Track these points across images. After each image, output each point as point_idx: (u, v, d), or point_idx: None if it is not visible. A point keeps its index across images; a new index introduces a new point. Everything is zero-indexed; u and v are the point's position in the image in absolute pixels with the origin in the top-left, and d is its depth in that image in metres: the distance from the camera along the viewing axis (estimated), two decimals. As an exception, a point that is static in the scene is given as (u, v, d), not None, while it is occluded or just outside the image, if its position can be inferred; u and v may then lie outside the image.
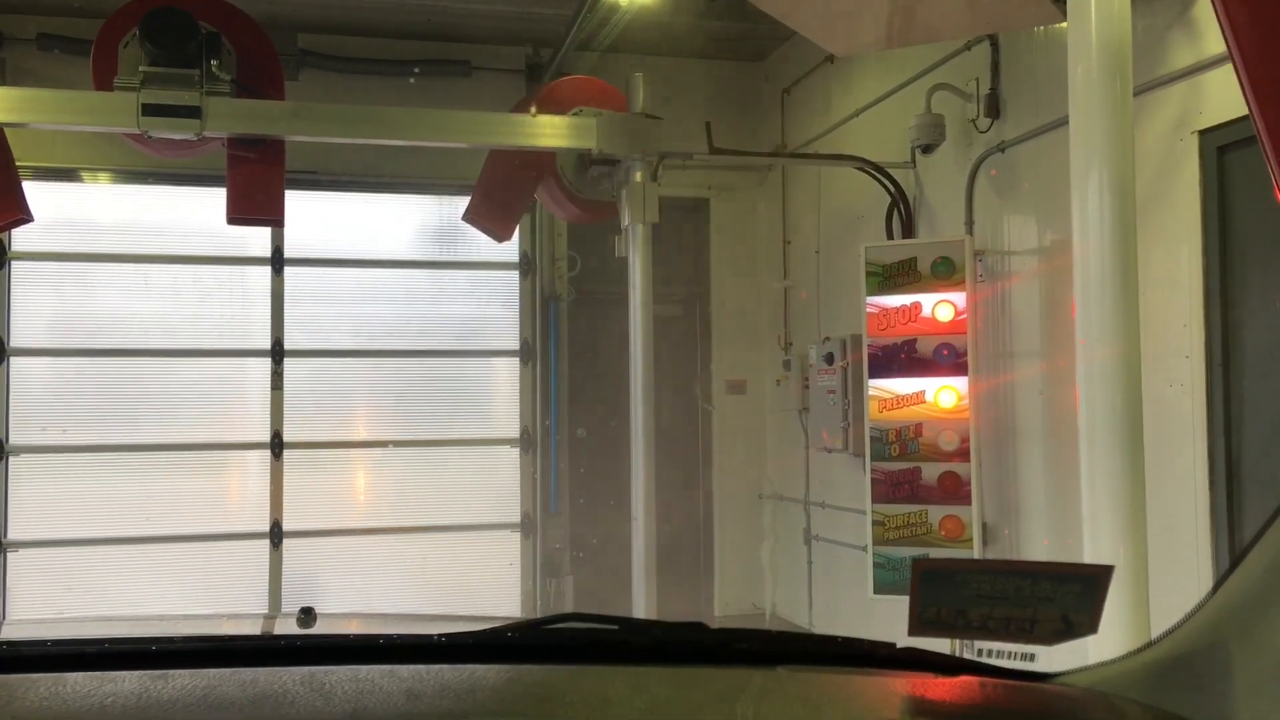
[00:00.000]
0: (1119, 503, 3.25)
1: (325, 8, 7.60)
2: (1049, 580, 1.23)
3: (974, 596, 1.23)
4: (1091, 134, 3.31)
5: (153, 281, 7.75)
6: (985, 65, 5.63)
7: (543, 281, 8.34)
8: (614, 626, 1.53)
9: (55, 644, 1.41)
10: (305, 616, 1.75)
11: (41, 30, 7.39)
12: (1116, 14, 3.28)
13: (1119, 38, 3.28)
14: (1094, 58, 3.30)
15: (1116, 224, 3.29)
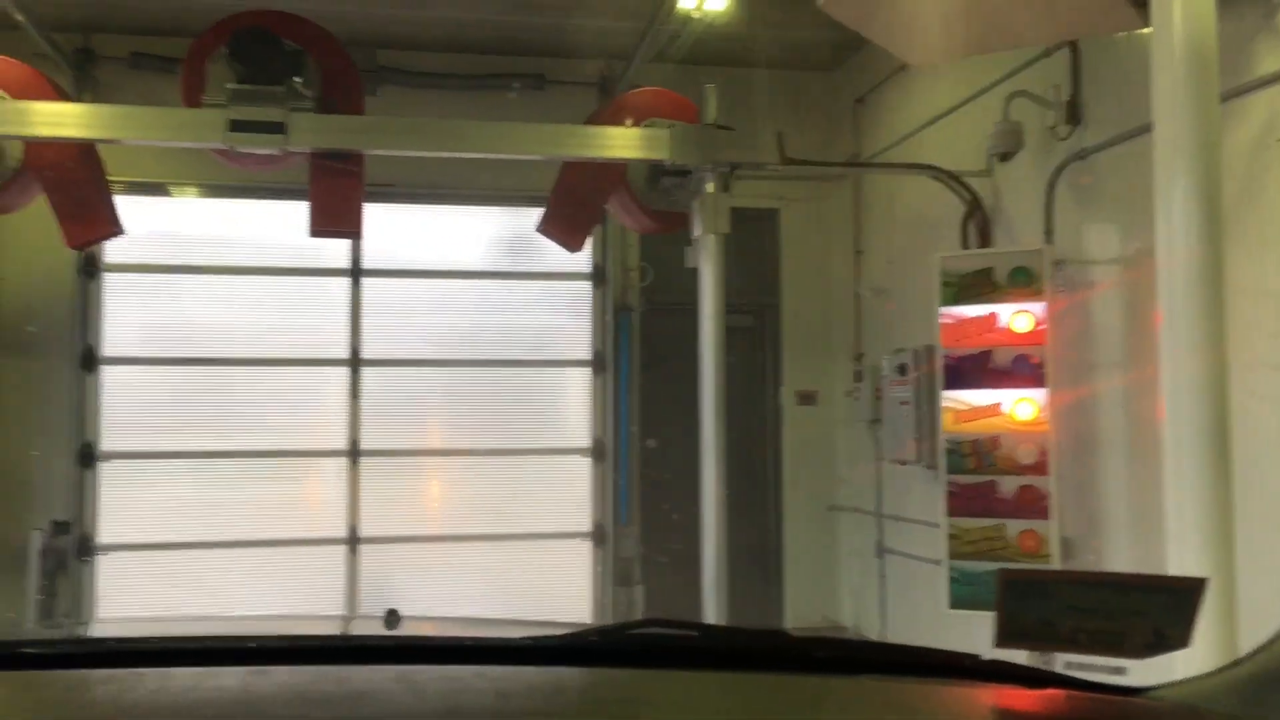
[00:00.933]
0: (1205, 518, 3.19)
1: (404, 24, 7.74)
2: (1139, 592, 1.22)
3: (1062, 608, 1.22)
4: (1176, 141, 3.26)
5: (237, 292, 7.94)
6: (1065, 71, 5.55)
7: (614, 292, 8.39)
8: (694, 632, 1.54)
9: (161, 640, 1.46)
10: (390, 618, 1.79)
11: (133, 49, 7.63)
12: (1201, 19, 3.23)
13: (1204, 43, 3.23)
14: (1178, 64, 3.25)
15: (1202, 232, 3.23)
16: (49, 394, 7.61)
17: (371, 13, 7.50)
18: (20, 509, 7.50)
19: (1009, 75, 6.03)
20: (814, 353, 8.62)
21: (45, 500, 7.55)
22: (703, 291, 6.42)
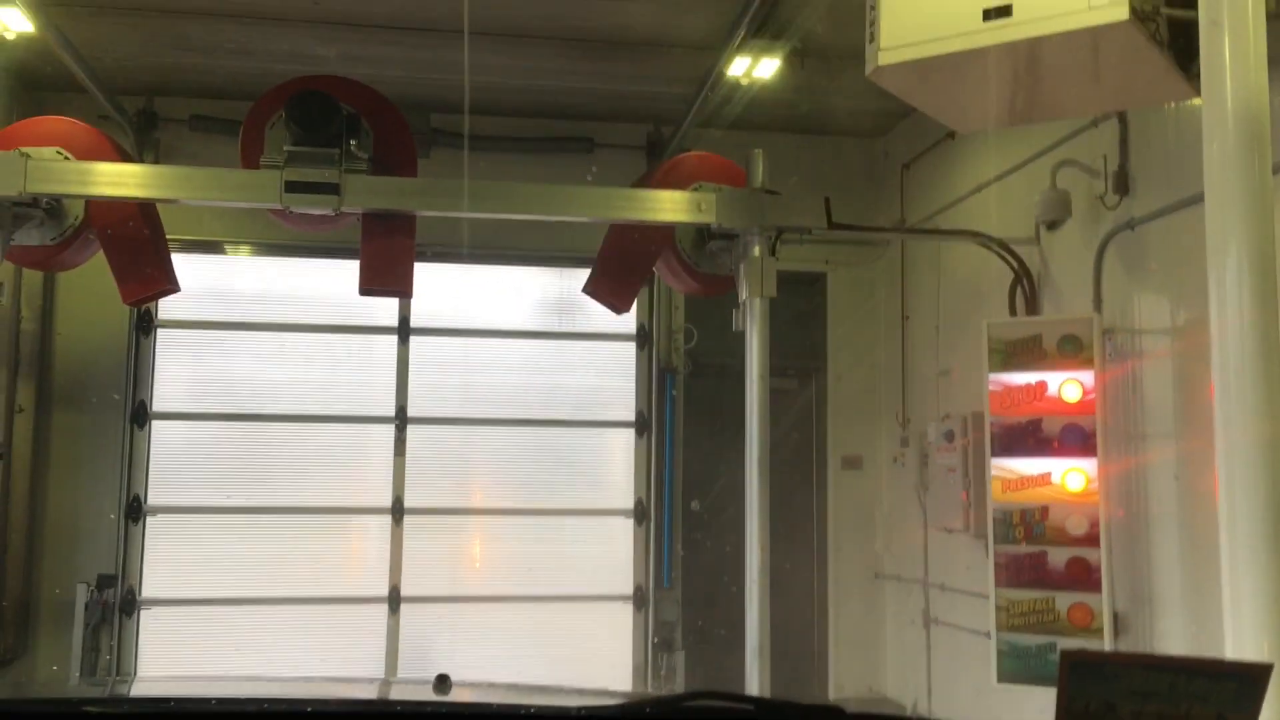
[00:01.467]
0: (1263, 594, 3.11)
1: (458, 89, 7.88)
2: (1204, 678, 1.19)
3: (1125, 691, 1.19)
4: (1228, 212, 3.23)
5: (286, 349, 8.06)
6: (1114, 141, 5.54)
7: (659, 353, 8.41)
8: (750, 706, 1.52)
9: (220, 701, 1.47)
10: (441, 684, 1.79)
11: (194, 112, 7.84)
12: (1254, 90, 3.21)
13: (1257, 113, 3.21)
14: (1230, 134, 3.23)
15: (1256, 303, 3.19)
16: (100, 448, 7.73)
17: (425, 78, 7.66)
18: (68, 562, 7.59)
19: (1057, 144, 6.04)
20: (860, 417, 8.56)
21: (92, 553, 7.63)
22: (749, 354, 6.41)
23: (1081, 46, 3.79)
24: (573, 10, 6.67)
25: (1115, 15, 3.58)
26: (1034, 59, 3.96)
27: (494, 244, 8.05)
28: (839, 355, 8.66)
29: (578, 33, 7.00)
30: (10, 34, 6.27)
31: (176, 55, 7.31)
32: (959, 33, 3.94)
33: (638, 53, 7.30)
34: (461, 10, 6.65)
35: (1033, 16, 3.78)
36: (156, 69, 7.53)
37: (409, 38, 7.03)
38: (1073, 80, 4.16)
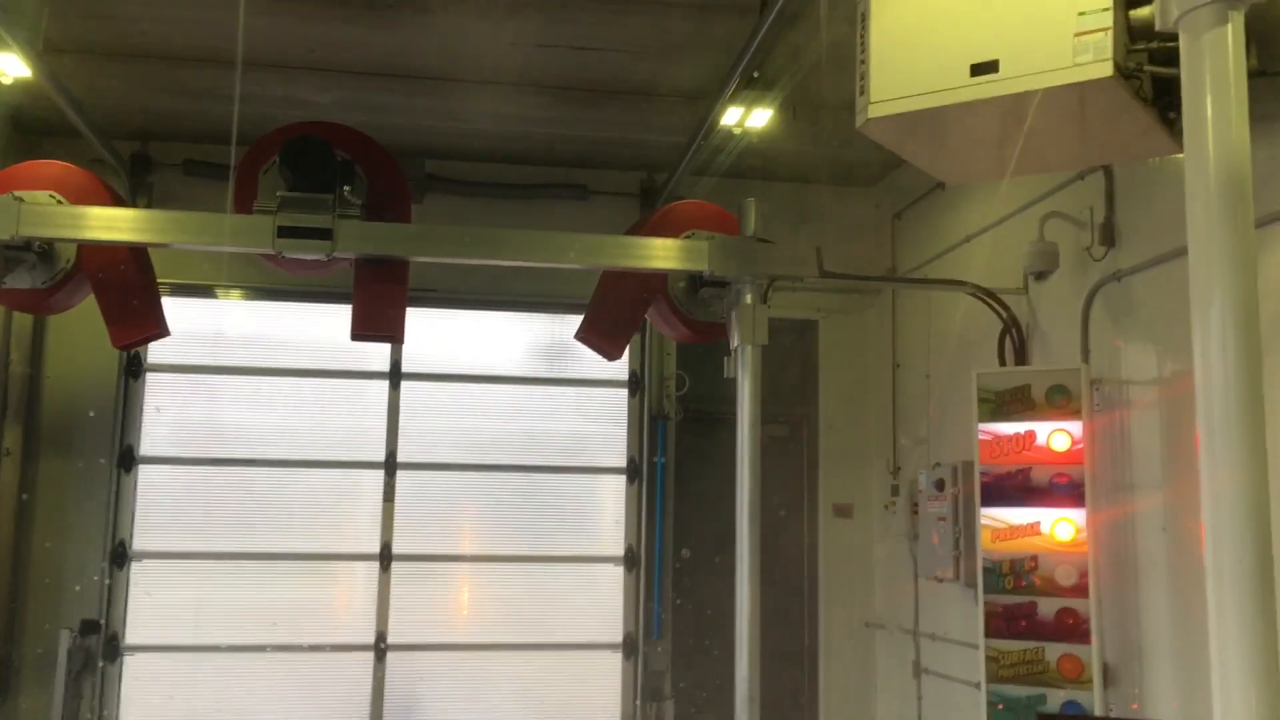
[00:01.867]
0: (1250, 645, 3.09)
1: (451, 135, 7.96)
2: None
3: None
4: (1212, 266, 3.25)
5: (276, 394, 8.05)
6: (1100, 194, 5.60)
7: (651, 400, 8.41)
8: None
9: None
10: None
11: (188, 156, 7.89)
12: (1235, 146, 3.25)
13: (1238, 169, 3.24)
14: (1213, 189, 3.26)
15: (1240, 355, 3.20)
16: (86, 492, 7.69)
17: (420, 125, 7.72)
18: (51, 607, 7.52)
19: (1044, 195, 6.10)
20: (851, 465, 8.56)
21: (76, 599, 7.56)
22: (740, 402, 6.40)
23: (1067, 102, 3.84)
24: (566, 60, 6.74)
25: (1100, 72, 3.63)
26: (1021, 113, 4.01)
27: (487, 289, 8.08)
28: (830, 403, 8.67)
29: (571, 81, 7.08)
30: (7, 79, 6.32)
31: (172, 100, 7.37)
32: (947, 87, 4.00)
33: (631, 101, 7.38)
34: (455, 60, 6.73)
35: (1019, 72, 3.83)
36: (151, 113, 7.58)
37: (403, 85, 7.10)
38: (1059, 134, 4.21)
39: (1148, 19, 3.60)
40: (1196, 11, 3.11)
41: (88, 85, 6.75)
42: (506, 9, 6.11)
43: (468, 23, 6.26)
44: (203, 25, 6.33)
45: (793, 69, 6.50)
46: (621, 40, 6.49)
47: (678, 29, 6.21)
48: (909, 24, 4.14)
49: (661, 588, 8.24)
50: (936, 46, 4.03)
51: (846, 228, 8.50)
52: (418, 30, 6.37)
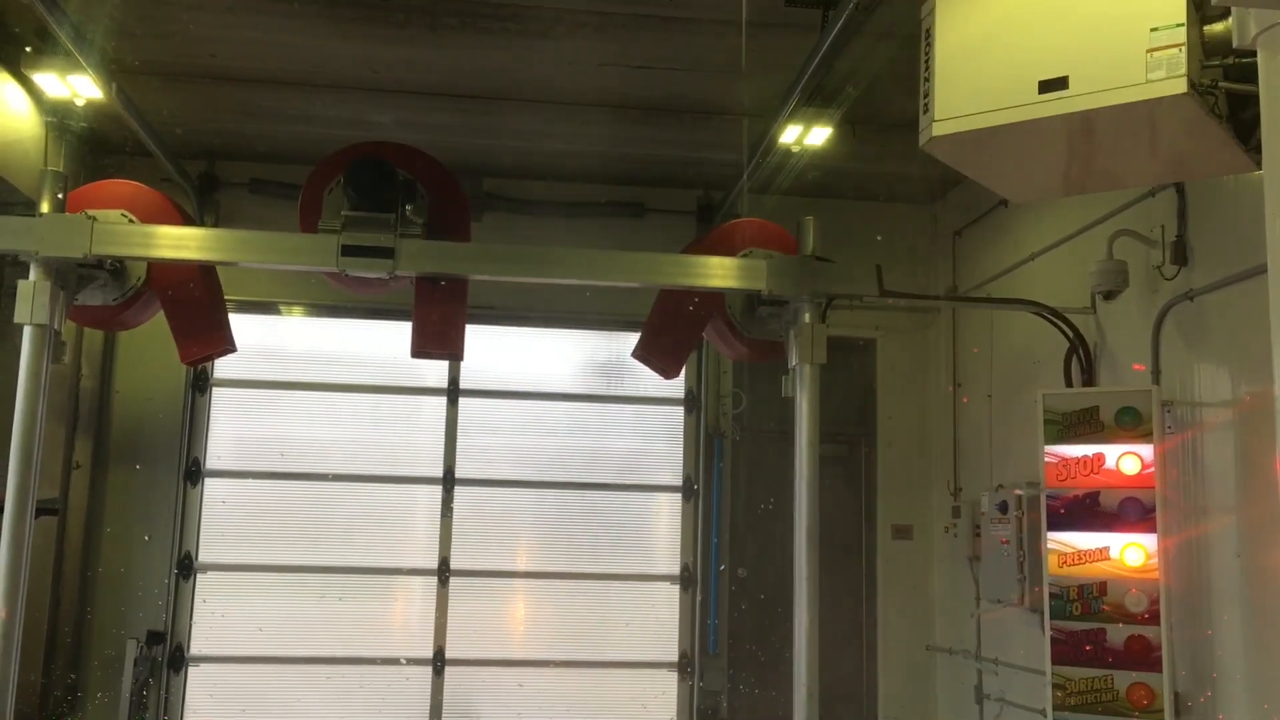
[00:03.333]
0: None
1: (510, 154, 8.01)
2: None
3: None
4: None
5: (337, 408, 8.14)
6: (1171, 212, 5.48)
7: (707, 418, 8.38)
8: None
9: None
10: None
11: (254, 176, 8.02)
12: (1317, 164, 3.16)
13: (1320, 186, 3.15)
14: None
15: (1321, 379, 3.11)
16: (154, 505, 7.83)
17: (479, 144, 7.79)
18: (119, 617, 7.65)
19: (1113, 213, 5.98)
20: (910, 486, 8.46)
21: (143, 609, 7.69)
22: (798, 421, 6.35)
23: (1139, 119, 3.76)
24: (625, 79, 6.76)
25: (1173, 88, 3.55)
26: (1090, 131, 3.94)
27: (545, 307, 8.12)
28: (889, 422, 8.58)
29: (630, 100, 7.10)
30: (80, 100, 6.46)
31: (239, 121, 7.50)
32: (1014, 104, 3.93)
33: (689, 119, 7.38)
34: (514, 80, 6.77)
35: (1089, 89, 3.76)
36: (219, 134, 7.72)
37: (463, 105, 7.16)
38: (1129, 152, 4.12)
39: (1223, 34, 3.52)
40: (1276, 29, 3.03)
41: (157, 106, 6.90)
42: (566, 29, 6.14)
43: (527, 44, 6.30)
44: (269, 47, 6.44)
45: (853, 86, 6.46)
46: (680, 59, 6.49)
47: (737, 47, 6.20)
48: (974, 40, 4.09)
49: (718, 606, 8.18)
50: (1003, 62, 3.97)
51: (907, 245, 8.42)
52: (478, 51, 6.42)
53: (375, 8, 5.99)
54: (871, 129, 7.17)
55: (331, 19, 6.07)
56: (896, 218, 8.54)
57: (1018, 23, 3.98)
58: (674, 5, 5.87)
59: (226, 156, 8.07)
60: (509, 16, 6.02)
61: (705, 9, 5.88)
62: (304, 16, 6.03)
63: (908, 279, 7.72)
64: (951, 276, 8.21)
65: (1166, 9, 3.62)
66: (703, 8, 5.87)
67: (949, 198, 8.36)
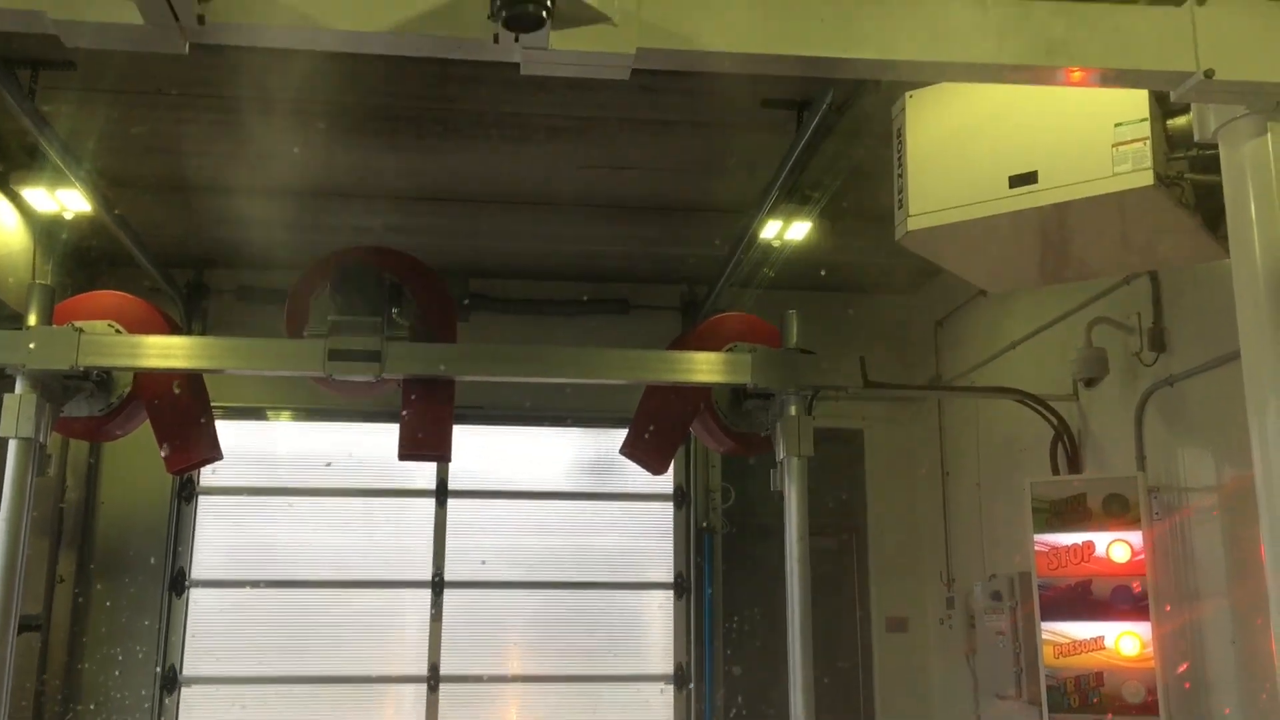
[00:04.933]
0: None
1: (495, 255, 8.11)
2: None
3: None
4: (1266, 371, 3.21)
5: (324, 514, 8.08)
6: (1147, 299, 5.57)
7: (697, 513, 8.34)
8: None
9: None
10: None
11: (241, 283, 8.08)
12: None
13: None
14: (1262, 294, 3.23)
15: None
16: (138, 616, 7.71)
17: (465, 245, 7.88)
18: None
19: (1090, 301, 6.07)
20: (903, 577, 8.40)
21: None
22: (788, 515, 6.31)
23: (1109, 210, 3.85)
24: (607, 180, 6.88)
25: (1140, 181, 3.65)
26: (1061, 222, 4.03)
27: (532, 406, 8.12)
28: (880, 514, 8.55)
29: (612, 200, 7.21)
30: (69, 214, 6.54)
31: (228, 230, 7.58)
32: (985, 199, 4.02)
33: (671, 217, 7.49)
34: (498, 183, 6.88)
35: (1058, 182, 3.85)
36: (207, 242, 7.80)
37: (449, 208, 7.26)
38: (1102, 242, 4.21)
39: (1185, 128, 3.63)
40: (1235, 123, 3.13)
41: (146, 217, 6.98)
42: (547, 134, 6.27)
43: (511, 149, 6.42)
44: (257, 157, 6.54)
45: (830, 181, 6.58)
46: (659, 159, 6.62)
47: (715, 147, 6.33)
48: (944, 137, 4.19)
49: (712, 705, 8.04)
50: (973, 158, 4.07)
51: (889, 336, 8.49)
52: (462, 157, 6.54)
53: (363, 117, 6.11)
54: (850, 222, 7.29)
55: (323, 130, 6.19)
56: (879, 308, 8.63)
57: (986, 120, 4.10)
58: (652, 108, 6.00)
59: (215, 265, 8.15)
60: (492, 124, 6.15)
61: (682, 111, 6.02)
62: (292, 127, 6.14)
63: (892, 369, 7.77)
64: (935, 365, 8.27)
65: (1130, 105, 3.74)
66: (680, 110, 6.01)
67: (929, 287, 8.46)
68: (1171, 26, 3.08)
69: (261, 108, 5.87)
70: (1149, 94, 3.71)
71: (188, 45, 2.79)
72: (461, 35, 2.85)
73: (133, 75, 5.50)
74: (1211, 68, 3.02)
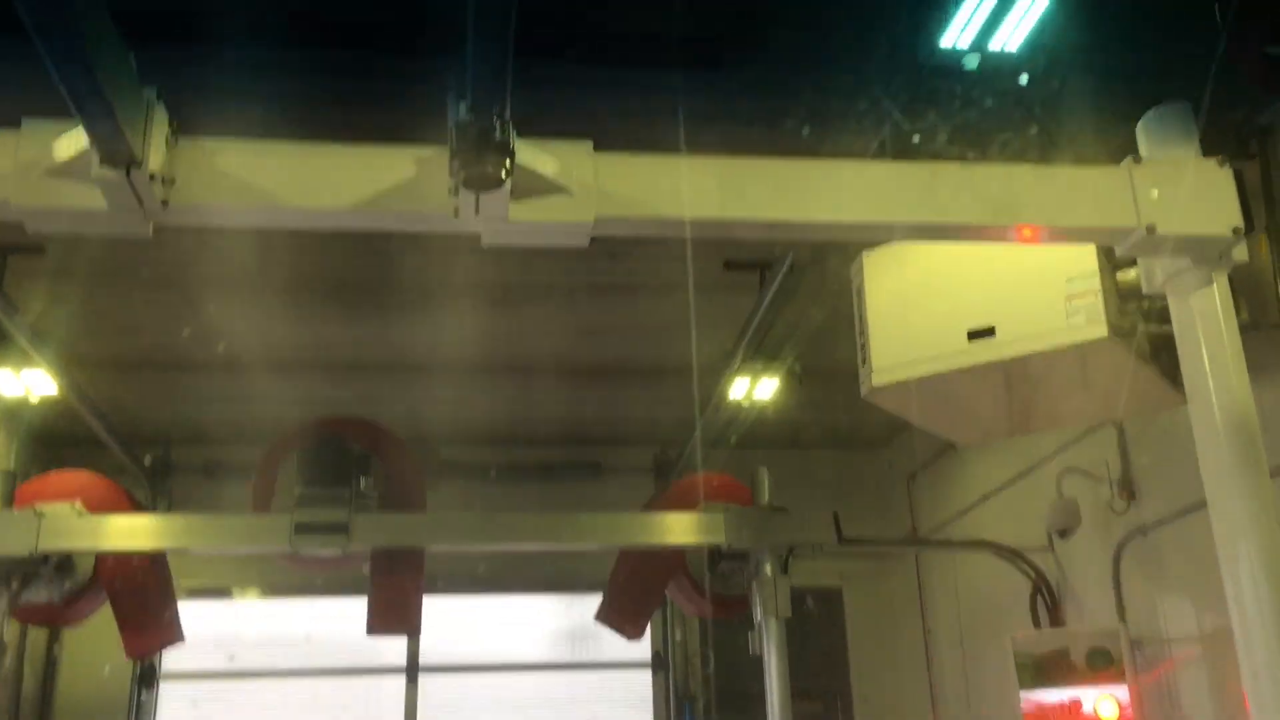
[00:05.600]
0: None
1: (462, 422, 8.09)
2: None
3: None
4: (1233, 520, 3.20)
5: (293, 696, 7.80)
6: (1114, 447, 5.60)
7: (676, 680, 8.12)
8: None
9: None
10: None
11: (207, 459, 8.00)
12: (1238, 397, 3.26)
13: (1244, 420, 3.24)
14: (1223, 443, 3.25)
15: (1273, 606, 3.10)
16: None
17: (432, 413, 7.86)
18: None
19: (1059, 450, 6.10)
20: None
21: None
22: (768, 679, 6.17)
23: (1068, 362, 3.91)
24: (573, 344, 6.95)
25: (1095, 333, 3.72)
26: (1023, 375, 4.08)
27: (504, 573, 7.98)
28: (863, 673, 8.36)
29: (579, 364, 7.26)
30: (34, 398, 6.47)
31: (194, 406, 7.56)
32: (947, 353, 4.08)
33: (639, 379, 7.54)
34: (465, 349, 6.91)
35: (1016, 336, 3.92)
36: (172, 420, 7.75)
37: (417, 376, 7.28)
38: (1065, 392, 4.26)
39: (1135, 281, 3.71)
40: (1181, 275, 3.21)
41: (111, 397, 6.94)
42: (515, 299, 6.35)
43: (478, 315, 6.48)
44: (223, 335, 6.57)
45: (796, 339, 6.66)
46: (625, 323, 6.70)
47: (680, 309, 6.42)
48: (903, 294, 4.28)
49: None
50: (932, 314, 4.15)
51: (862, 491, 8.47)
52: (427, 324, 6.60)
53: (327, 292, 6.18)
54: (817, 378, 7.33)
55: (286, 304, 6.25)
56: (851, 464, 8.63)
57: (942, 276, 4.19)
58: (615, 273, 6.10)
59: (181, 441, 8.08)
60: (457, 293, 6.22)
61: (646, 275, 6.12)
62: (258, 304, 6.20)
63: (867, 524, 7.70)
64: (910, 520, 8.23)
65: (1079, 260, 3.84)
66: (644, 274, 6.11)
67: (899, 441, 8.48)
68: (1111, 184, 3.19)
69: (224, 283, 5.93)
70: (1096, 249, 3.82)
71: (152, 228, 2.83)
72: (422, 209, 2.91)
73: (101, 257, 5.56)
74: (1153, 222, 3.12)
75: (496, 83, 2.43)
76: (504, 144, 2.64)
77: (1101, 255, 3.84)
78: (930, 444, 7.66)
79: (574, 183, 2.93)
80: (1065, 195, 3.19)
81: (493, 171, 2.65)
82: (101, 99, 2.32)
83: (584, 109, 4.05)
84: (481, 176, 2.66)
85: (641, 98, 4.13)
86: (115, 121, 2.42)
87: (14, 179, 2.70)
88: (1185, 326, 3.24)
